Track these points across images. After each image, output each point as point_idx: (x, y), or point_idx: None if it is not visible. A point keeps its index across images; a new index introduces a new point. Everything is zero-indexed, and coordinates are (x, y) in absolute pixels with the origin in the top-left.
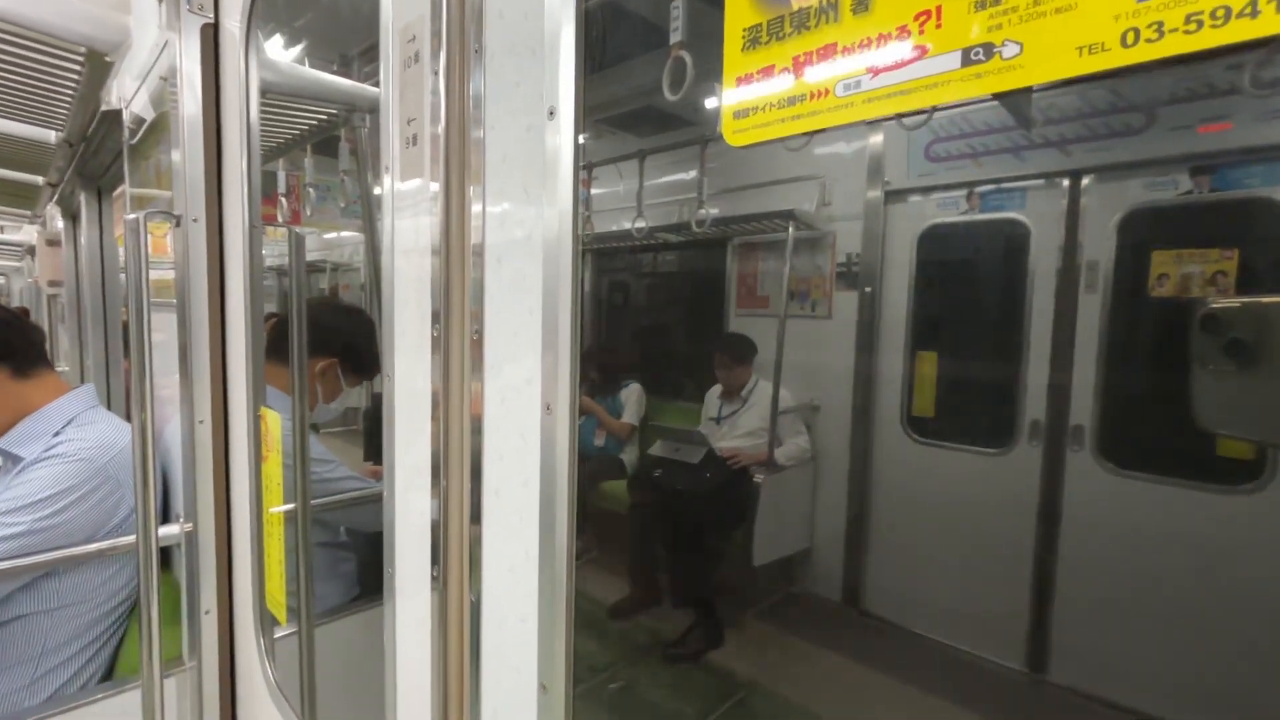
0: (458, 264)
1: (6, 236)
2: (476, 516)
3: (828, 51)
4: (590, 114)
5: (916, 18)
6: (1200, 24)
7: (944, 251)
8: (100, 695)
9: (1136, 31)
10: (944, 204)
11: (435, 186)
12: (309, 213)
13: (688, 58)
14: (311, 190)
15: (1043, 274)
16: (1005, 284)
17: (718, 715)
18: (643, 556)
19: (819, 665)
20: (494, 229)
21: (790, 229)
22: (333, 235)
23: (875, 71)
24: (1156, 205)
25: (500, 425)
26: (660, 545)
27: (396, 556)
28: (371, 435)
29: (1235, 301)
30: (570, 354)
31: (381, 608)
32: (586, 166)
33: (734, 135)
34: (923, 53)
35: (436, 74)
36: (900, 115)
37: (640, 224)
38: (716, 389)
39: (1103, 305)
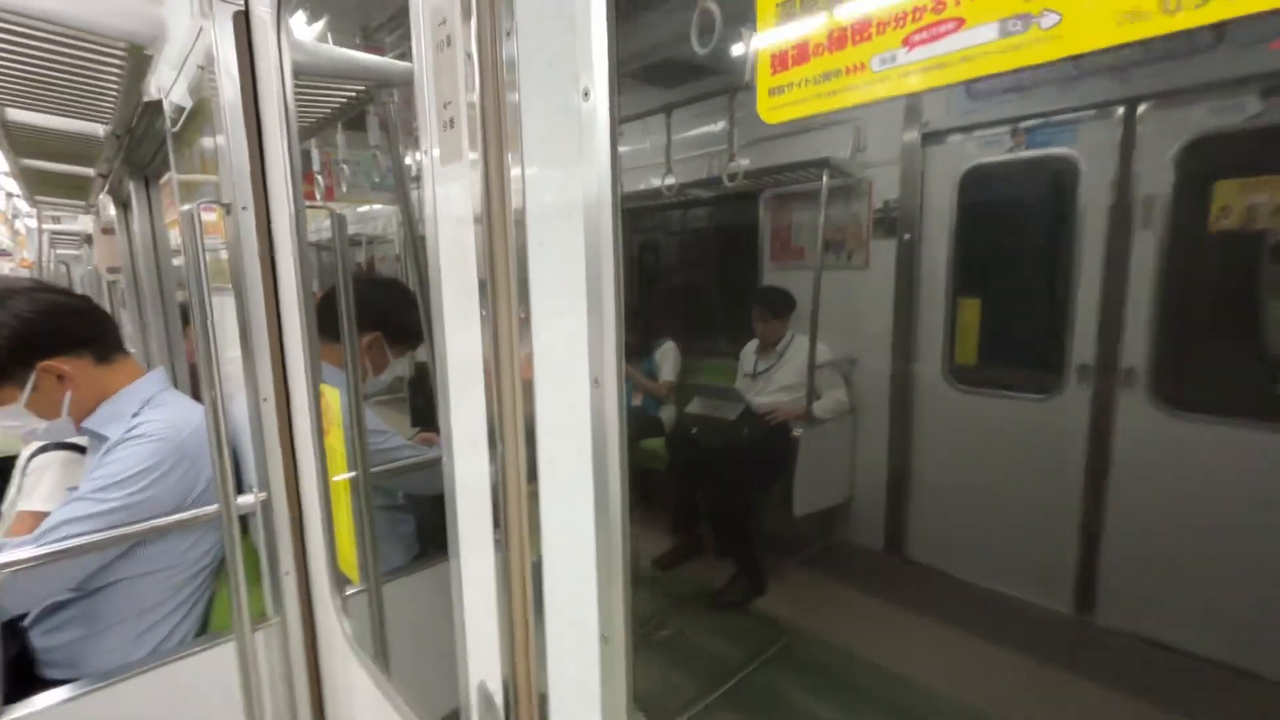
0: (500, 239)
1: (64, 226)
2: (533, 478)
3: (862, 25)
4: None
5: None
6: None
7: (987, 193)
8: (197, 649)
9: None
10: (987, 143)
11: (474, 170)
12: (344, 189)
13: (715, 7)
14: (345, 167)
15: (1093, 211)
16: (1053, 224)
17: (764, 659)
18: (685, 510)
19: (861, 610)
20: (534, 208)
21: (824, 177)
22: (365, 209)
23: (911, 45)
24: (1221, 132)
25: (549, 390)
26: (701, 499)
27: (460, 519)
28: (417, 403)
29: None
30: (615, 319)
31: (444, 565)
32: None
33: (770, 112)
34: (959, 25)
35: (470, 56)
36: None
37: (670, 180)
38: (752, 344)
39: (1159, 241)
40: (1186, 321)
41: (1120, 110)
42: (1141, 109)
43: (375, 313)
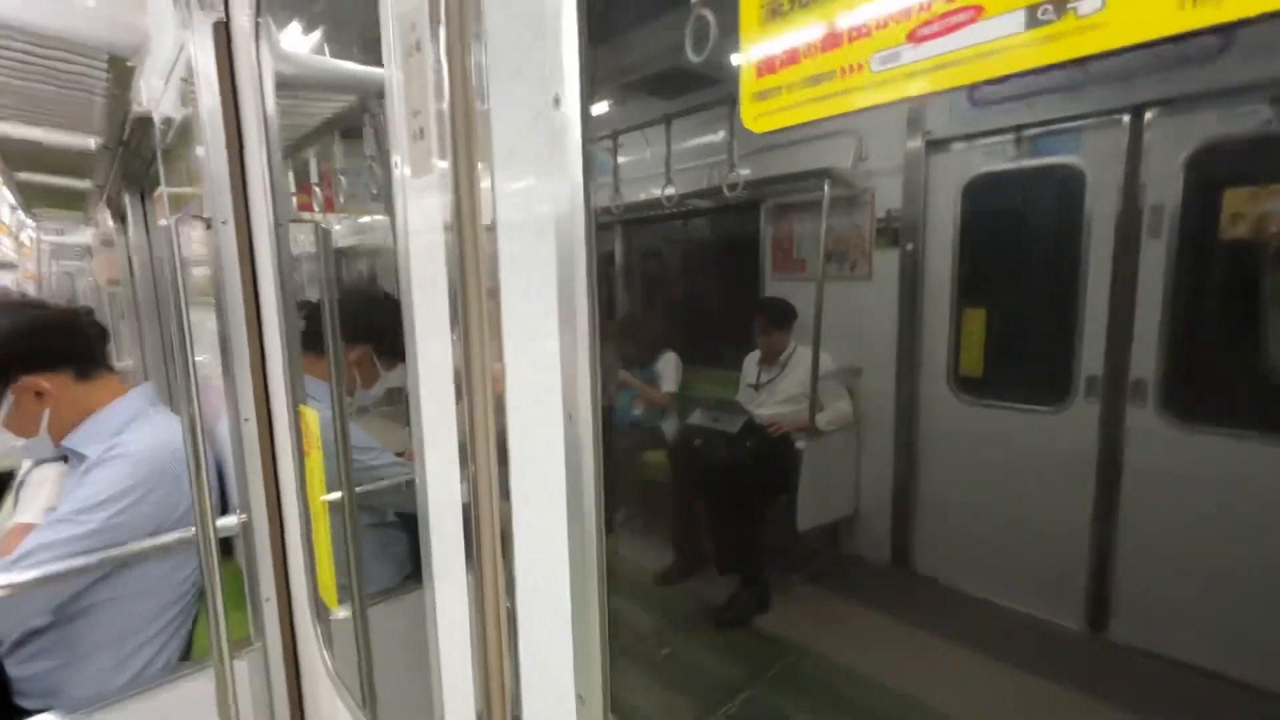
0: (471, 249)
1: (67, 239)
2: (506, 499)
3: (860, 20)
4: (611, 80)
5: None
6: None
7: (991, 202)
8: (177, 677)
9: None
10: (990, 152)
11: (444, 178)
12: (342, 200)
13: (710, 16)
14: (342, 177)
15: (1100, 221)
16: (1059, 233)
17: (767, 678)
18: (686, 525)
19: (868, 627)
20: (505, 221)
21: (826, 188)
22: (366, 219)
23: (919, 39)
24: (1232, 139)
25: (521, 422)
26: (703, 513)
27: (432, 546)
28: None
29: None
30: (590, 347)
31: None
32: (611, 136)
33: (755, 120)
34: (976, 14)
35: (439, 61)
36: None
37: (669, 191)
38: (754, 355)
39: (1167, 250)
40: (1197, 332)
41: (1127, 118)
42: (1148, 116)
43: (364, 325)
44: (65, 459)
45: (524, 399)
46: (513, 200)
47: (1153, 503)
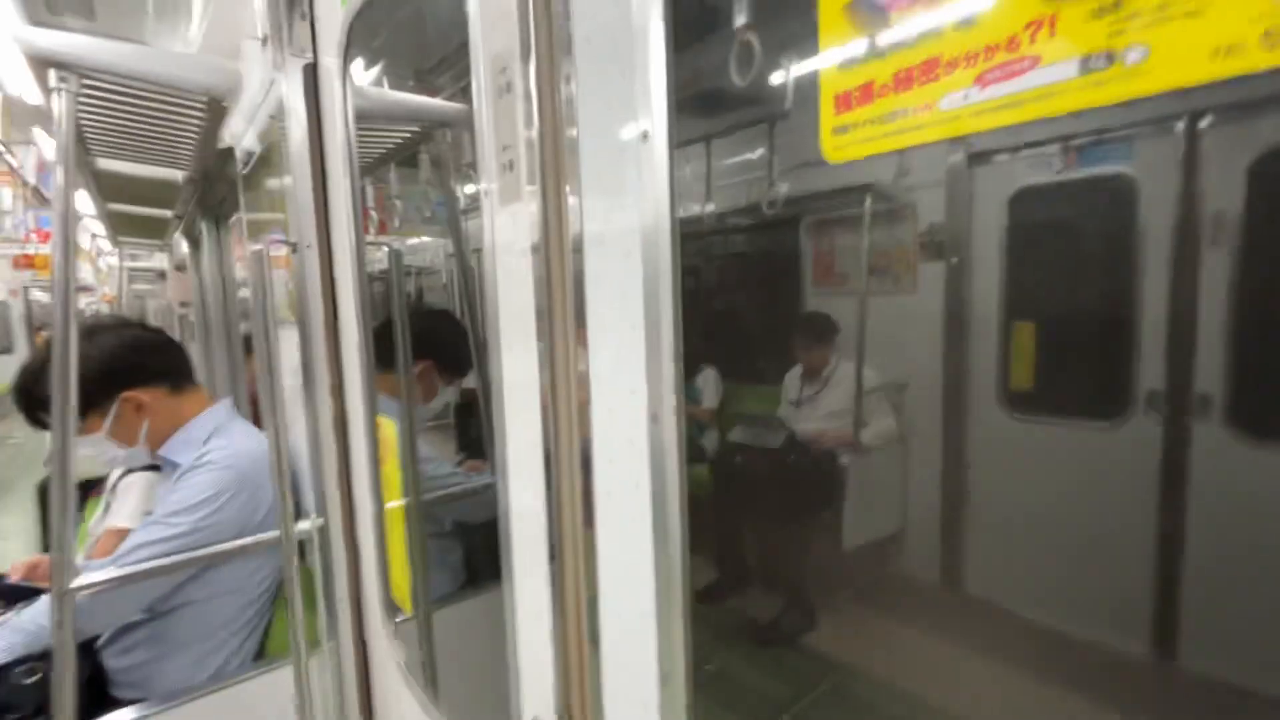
0: (558, 268)
1: (140, 263)
2: (589, 508)
3: (930, 66)
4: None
5: (1027, 27)
6: None
7: (1038, 214)
8: (255, 673)
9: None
10: (1036, 164)
11: (532, 201)
12: (397, 223)
13: (755, 41)
14: (398, 202)
15: (1155, 231)
16: (1111, 245)
17: (813, 697)
18: (729, 542)
19: (916, 647)
20: (591, 240)
21: (868, 202)
22: (415, 241)
23: (984, 84)
24: None
25: (606, 423)
26: (747, 530)
27: (514, 547)
28: (464, 430)
29: None
30: (673, 355)
31: (492, 593)
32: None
33: (834, 152)
34: (1035, 63)
35: (530, 102)
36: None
37: (710, 207)
38: (796, 370)
39: (1230, 260)
40: (1266, 345)
41: (1181, 125)
42: (1204, 123)
43: (427, 342)
44: (152, 468)
45: (609, 401)
46: (599, 223)
47: (1219, 519)
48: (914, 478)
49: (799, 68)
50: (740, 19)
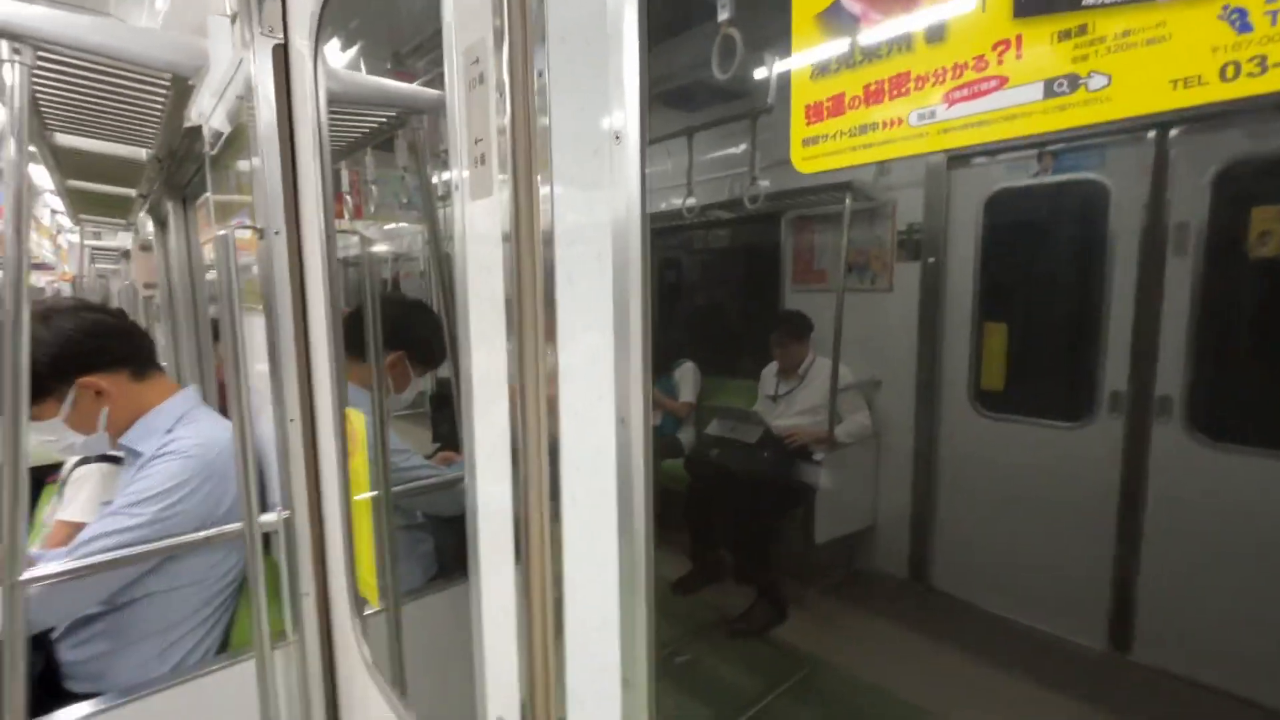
0: (528, 258)
1: (104, 242)
2: (555, 499)
3: (900, 80)
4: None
5: (995, 47)
6: None
7: (1013, 216)
8: (217, 666)
9: (1237, 66)
10: (1012, 167)
11: (503, 190)
12: (371, 209)
13: (737, 35)
14: (374, 187)
15: (1124, 237)
16: (1082, 249)
17: (783, 690)
18: (703, 534)
19: (884, 640)
20: (561, 235)
21: (847, 200)
22: (391, 226)
23: (951, 101)
24: (1260, 157)
25: (574, 425)
26: (720, 523)
27: (480, 541)
28: (438, 421)
29: None
30: (642, 356)
31: (462, 586)
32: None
33: (804, 162)
34: (1001, 83)
35: (501, 96)
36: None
37: (691, 201)
38: (772, 366)
39: (1194, 268)
40: (1226, 349)
41: (1152, 134)
42: (1174, 133)
43: (399, 331)
44: (107, 459)
45: (577, 403)
46: (569, 213)
47: (1178, 519)
48: (886, 474)
49: (778, 67)
50: (722, 14)
